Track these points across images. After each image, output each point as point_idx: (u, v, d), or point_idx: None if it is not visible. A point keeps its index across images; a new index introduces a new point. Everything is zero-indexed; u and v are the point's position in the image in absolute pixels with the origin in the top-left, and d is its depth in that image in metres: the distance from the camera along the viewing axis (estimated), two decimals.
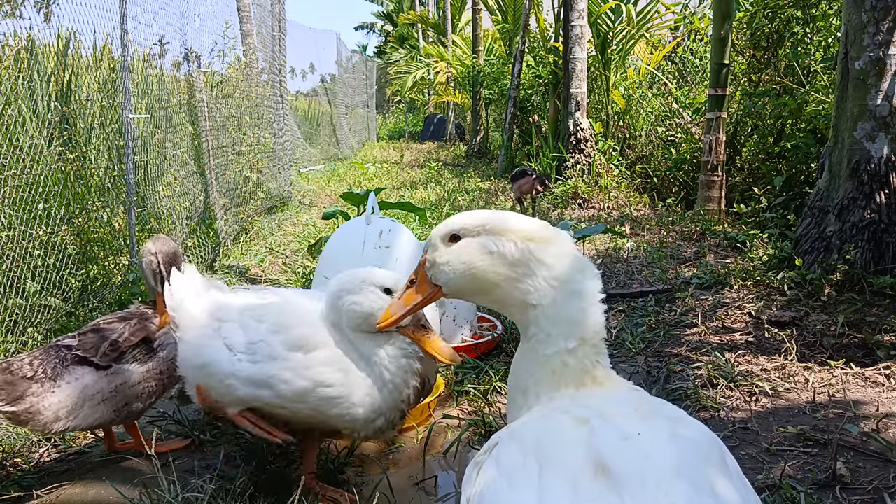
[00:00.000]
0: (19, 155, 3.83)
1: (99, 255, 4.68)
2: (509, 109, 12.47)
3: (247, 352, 2.26)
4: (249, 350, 2.26)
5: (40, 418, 2.42)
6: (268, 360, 2.24)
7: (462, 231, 1.32)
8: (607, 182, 8.88)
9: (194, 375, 2.38)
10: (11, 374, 2.42)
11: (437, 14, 27.78)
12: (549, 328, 1.24)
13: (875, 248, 4.22)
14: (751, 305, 4.34)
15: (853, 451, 2.68)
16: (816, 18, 6.99)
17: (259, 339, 2.27)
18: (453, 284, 1.34)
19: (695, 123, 8.74)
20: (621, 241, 6.32)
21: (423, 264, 1.38)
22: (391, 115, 35.37)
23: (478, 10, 18.08)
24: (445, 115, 25.06)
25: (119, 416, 2.60)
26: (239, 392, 2.25)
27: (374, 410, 2.23)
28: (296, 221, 8.47)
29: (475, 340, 3.92)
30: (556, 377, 1.23)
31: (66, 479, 2.67)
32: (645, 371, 3.61)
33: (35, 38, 4.85)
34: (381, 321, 1.49)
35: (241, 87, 8.39)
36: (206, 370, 2.31)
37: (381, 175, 13.27)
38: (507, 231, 1.28)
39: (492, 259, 1.28)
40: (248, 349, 2.26)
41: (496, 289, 1.29)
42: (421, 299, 1.40)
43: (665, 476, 0.97)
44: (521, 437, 1.12)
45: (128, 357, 2.62)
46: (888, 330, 3.70)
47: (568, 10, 9.47)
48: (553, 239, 1.27)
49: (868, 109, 4.32)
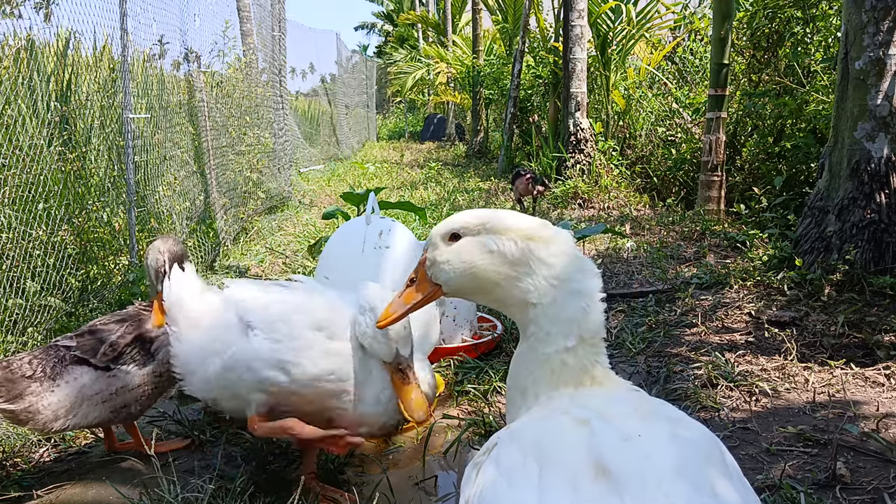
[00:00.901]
0: (19, 155, 3.83)
1: (99, 255, 4.68)
2: (509, 109, 12.47)
3: (267, 330, 2.25)
4: (270, 329, 2.25)
5: (39, 417, 2.43)
6: (288, 339, 2.23)
7: (462, 230, 1.32)
8: (607, 182, 8.88)
9: (202, 372, 2.35)
10: (11, 373, 2.43)
11: (437, 14, 27.77)
12: (548, 327, 1.24)
13: (875, 248, 4.22)
14: (751, 305, 4.34)
15: (853, 451, 2.68)
16: (816, 18, 6.99)
17: (279, 319, 2.26)
18: (453, 283, 1.34)
19: (695, 123, 8.74)
20: (621, 241, 6.32)
21: (424, 263, 1.38)
22: (391, 115, 35.37)
23: (478, 10, 18.08)
24: (445, 115, 25.07)
25: (118, 416, 2.61)
26: (261, 374, 2.23)
27: (380, 412, 2.26)
28: (296, 221, 8.47)
29: (475, 340, 3.92)
30: (555, 376, 1.23)
31: (66, 479, 2.66)
32: (645, 371, 3.61)
33: (35, 38, 4.85)
34: (381, 319, 1.47)
35: (241, 87, 8.39)
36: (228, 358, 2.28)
37: (381, 175, 13.27)
38: (507, 230, 1.28)
39: (492, 258, 1.28)
40: (269, 328, 2.25)
41: (496, 287, 1.29)
42: (421, 298, 1.40)
43: (666, 477, 0.97)
44: (521, 437, 1.12)
45: (126, 358, 2.61)
46: (888, 330, 3.70)
47: (568, 10, 9.47)
48: (553, 238, 1.27)
49: (868, 109, 4.32)
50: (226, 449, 2.82)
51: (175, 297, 2.44)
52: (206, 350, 2.35)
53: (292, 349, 2.23)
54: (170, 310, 2.44)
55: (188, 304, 2.44)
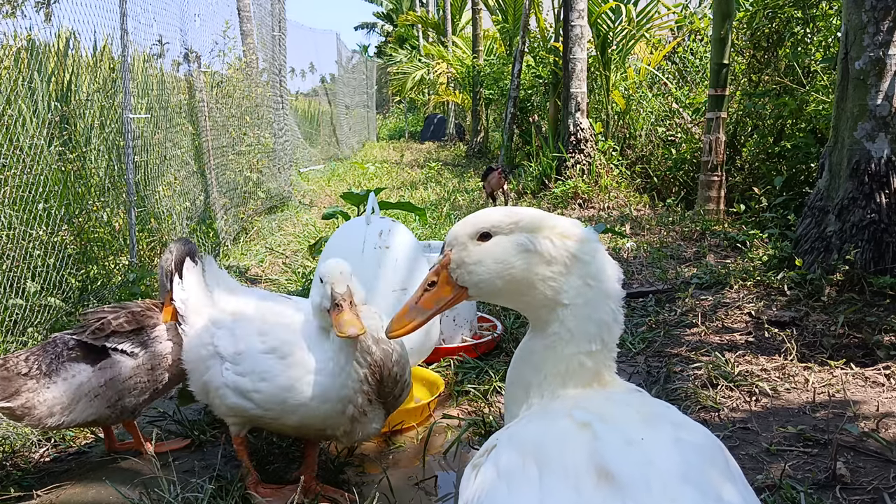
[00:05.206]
0: (19, 155, 3.83)
1: (99, 255, 4.69)
2: (509, 109, 12.46)
3: (234, 362, 2.36)
4: (236, 361, 2.36)
5: (35, 413, 2.44)
6: (250, 372, 2.33)
7: (494, 228, 1.24)
8: (607, 182, 8.88)
9: (196, 378, 2.50)
10: (7, 371, 2.45)
11: (437, 14, 27.76)
12: (576, 328, 1.20)
13: (875, 248, 4.22)
14: (751, 305, 4.34)
15: (853, 451, 2.68)
16: (816, 18, 6.99)
17: (244, 348, 2.36)
18: (485, 286, 1.25)
19: (695, 123, 8.74)
20: (621, 241, 6.32)
21: (446, 265, 1.28)
22: (391, 115, 35.36)
23: (478, 10, 18.07)
24: (445, 115, 25.05)
25: (114, 411, 2.59)
26: (228, 401, 2.36)
27: (336, 399, 2.26)
28: (296, 221, 8.47)
29: (475, 340, 3.92)
30: (566, 376, 1.21)
31: (65, 479, 2.66)
32: (645, 371, 3.62)
33: (35, 38, 4.85)
34: (395, 329, 1.31)
35: (241, 87, 8.39)
36: (206, 380, 2.45)
37: (381, 175, 13.27)
38: (543, 228, 1.22)
39: (528, 258, 1.21)
40: (234, 359, 2.37)
41: (531, 289, 1.22)
42: (444, 302, 1.30)
43: (671, 482, 0.95)
44: (521, 439, 1.10)
45: (115, 341, 2.61)
46: (888, 330, 3.70)
47: (568, 10, 9.46)
48: (586, 237, 1.23)
49: (868, 109, 4.32)
50: (226, 449, 2.82)
51: (186, 295, 2.56)
52: (195, 361, 2.50)
53: (252, 380, 2.32)
54: (180, 305, 2.55)
55: (193, 305, 2.55)
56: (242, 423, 2.43)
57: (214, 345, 2.42)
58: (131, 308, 2.73)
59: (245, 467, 2.48)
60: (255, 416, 2.34)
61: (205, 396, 2.51)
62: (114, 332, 2.61)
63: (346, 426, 2.31)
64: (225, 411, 2.41)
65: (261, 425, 2.46)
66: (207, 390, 2.45)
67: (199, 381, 2.49)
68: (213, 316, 2.52)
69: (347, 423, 2.31)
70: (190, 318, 2.53)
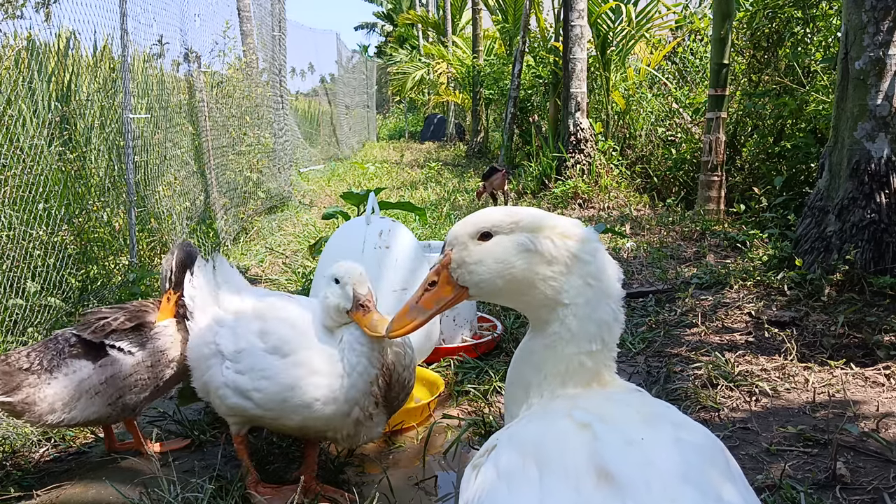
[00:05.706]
0: (20, 155, 3.84)
1: (99, 255, 4.69)
2: (509, 109, 12.46)
3: (234, 360, 2.37)
4: (236, 359, 2.36)
5: (36, 409, 2.44)
6: (249, 370, 2.33)
7: (494, 228, 1.24)
8: (607, 182, 8.88)
9: (198, 377, 2.52)
10: (8, 366, 2.46)
11: (437, 14, 27.75)
12: (577, 328, 1.20)
13: (875, 248, 4.22)
14: (751, 305, 4.34)
15: (853, 451, 2.68)
16: (816, 18, 6.99)
17: (244, 346, 2.36)
18: (486, 286, 1.25)
19: (695, 123, 8.74)
20: (621, 241, 6.32)
21: (447, 265, 1.28)
22: (391, 115, 35.36)
23: (478, 10, 18.07)
24: (445, 115, 25.05)
25: (114, 409, 2.59)
26: (228, 401, 2.36)
27: (343, 401, 2.25)
28: (296, 221, 8.47)
29: (475, 340, 3.92)
30: (566, 376, 1.21)
31: (66, 479, 2.66)
32: (645, 371, 3.62)
33: (35, 39, 4.86)
34: (395, 329, 1.32)
35: (241, 87, 8.40)
36: (206, 379, 2.47)
37: (381, 175, 13.27)
38: (544, 228, 1.23)
39: (529, 257, 1.21)
40: (234, 357, 2.37)
41: (531, 289, 1.22)
42: (445, 302, 1.30)
43: (671, 482, 0.95)
44: (521, 439, 1.10)
45: (115, 338, 2.61)
46: (888, 330, 3.70)
47: (568, 10, 9.46)
48: (587, 237, 1.23)
49: (868, 109, 4.32)
50: (226, 449, 2.82)
51: (193, 292, 2.60)
52: (197, 359, 2.51)
53: (252, 378, 2.31)
54: (189, 302, 2.59)
55: (201, 303, 2.58)
56: (242, 422, 2.43)
57: (216, 343, 2.42)
58: (131, 307, 2.74)
59: (245, 467, 2.48)
60: (255, 415, 2.34)
61: (206, 395, 2.52)
62: (114, 329, 2.62)
63: (350, 429, 2.30)
64: (225, 410, 2.41)
65: (261, 425, 2.46)
66: (208, 389, 2.46)
67: (200, 379, 2.49)
68: (217, 314, 2.53)
69: (351, 426, 2.30)
70: (196, 315, 2.56)
